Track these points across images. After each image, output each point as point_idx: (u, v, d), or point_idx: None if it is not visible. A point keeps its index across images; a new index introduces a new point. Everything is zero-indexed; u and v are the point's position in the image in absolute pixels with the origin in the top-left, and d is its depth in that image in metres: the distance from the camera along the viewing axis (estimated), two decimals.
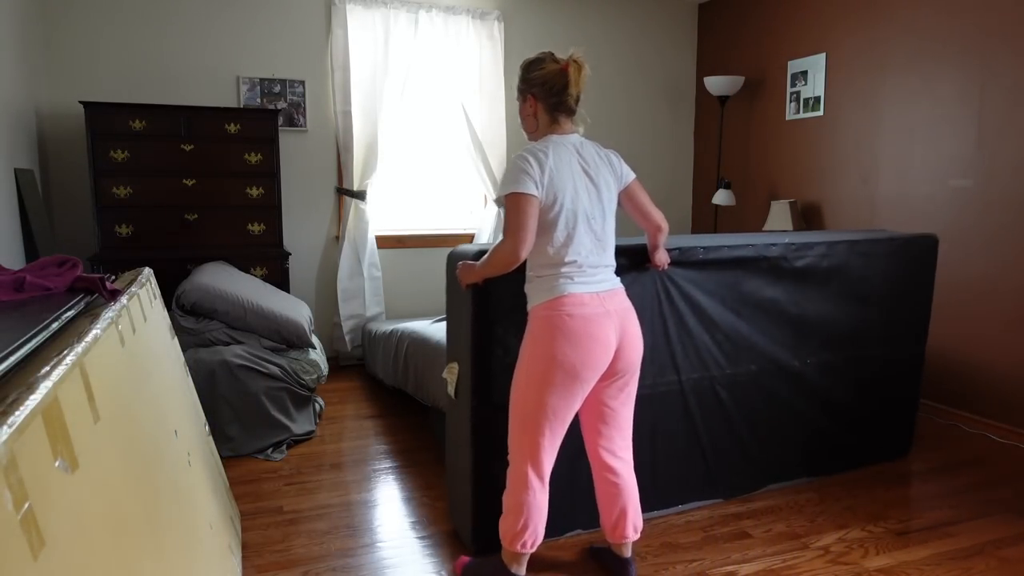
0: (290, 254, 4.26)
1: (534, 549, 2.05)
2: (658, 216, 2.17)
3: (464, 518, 2.34)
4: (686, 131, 5.71)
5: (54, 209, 4.11)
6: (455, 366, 2.32)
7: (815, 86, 4.50)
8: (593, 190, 1.98)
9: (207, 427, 2.56)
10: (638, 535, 2.17)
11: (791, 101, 4.69)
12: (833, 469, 3.00)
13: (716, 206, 5.18)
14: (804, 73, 4.58)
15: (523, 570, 2.07)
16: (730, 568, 2.28)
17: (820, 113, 4.47)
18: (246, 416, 3.18)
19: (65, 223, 4.13)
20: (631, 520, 2.13)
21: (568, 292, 1.91)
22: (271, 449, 3.18)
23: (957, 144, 3.64)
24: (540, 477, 1.99)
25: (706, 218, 5.59)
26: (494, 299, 2.17)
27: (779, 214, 4.49)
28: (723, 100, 5.01)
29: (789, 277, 2.74)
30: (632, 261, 2.33)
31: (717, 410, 2.67)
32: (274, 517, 2.60)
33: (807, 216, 4.61)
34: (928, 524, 2.57)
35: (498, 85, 4.92)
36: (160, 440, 1.60)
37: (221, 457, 2.84)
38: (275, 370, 3.29)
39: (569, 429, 2.03)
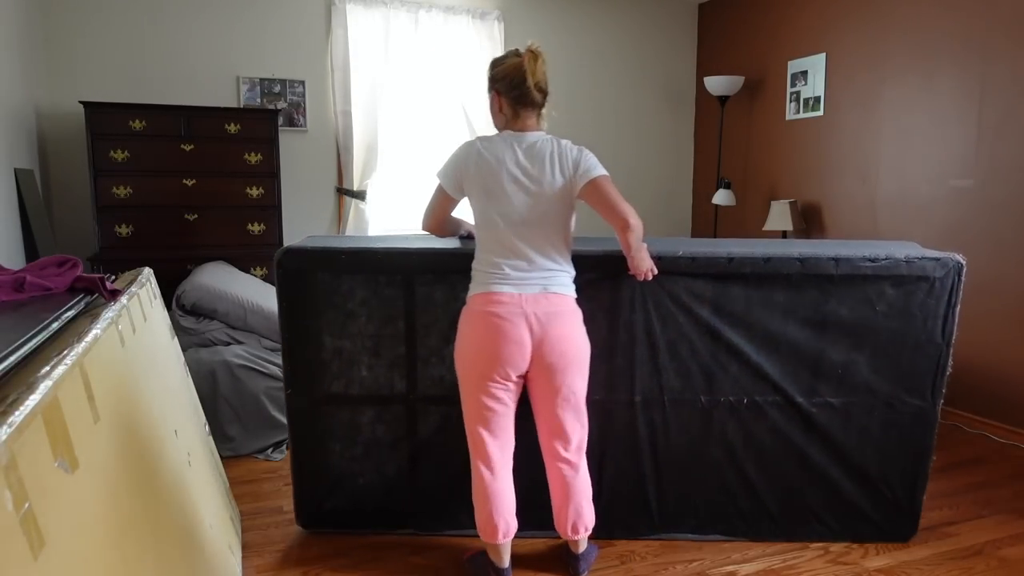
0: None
1: (506, 540, 2.07)
2: (624, 211, 1.95)
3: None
4: (686, 131, 5.71)
5: (54, 209, 4.11)
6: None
7: (815, 86, 4.49)
8: (528, 192, 1.96)
9: (207, 427, 2.56)
10: (586, 533, 2.16)
11: (791, 101, 4.69)
12: (797, 534, 2.44)
13: (716, 206, 5.19)
14: (804, 73, 4.58)
15: (504, 560, 2.10)
16: (730, 568, 2.28)
17: (820, 113, 4.47)
18: (246, 416, 3.18)
19: (65, 223, 4.13)
20: (572, 518, 2.12)
21: (488, 290, 1.97)
22: (271, 449, 3.18)
23: (957, 144, 3.63)
24: (489, 469, 2.04)
25: (706, 218, 5.59)
26: (307, 295, 2.33)
27: (779, 214, 4.49)
28: (723, 100, 5.01)
29: (770, 290, 2.30)
30: (604, 271, 2.19)
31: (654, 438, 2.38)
32: (274, 517, 2.60)
33: (807, 216, 4.61)
34: (928, 524, 2.56)
35: None
36: (160, 440, 1.60)
37: (221, 457, 2.84)
38: (275, 370, 3.28)
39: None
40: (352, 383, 2.37)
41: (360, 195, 4.62)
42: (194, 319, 3.39)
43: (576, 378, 2.04)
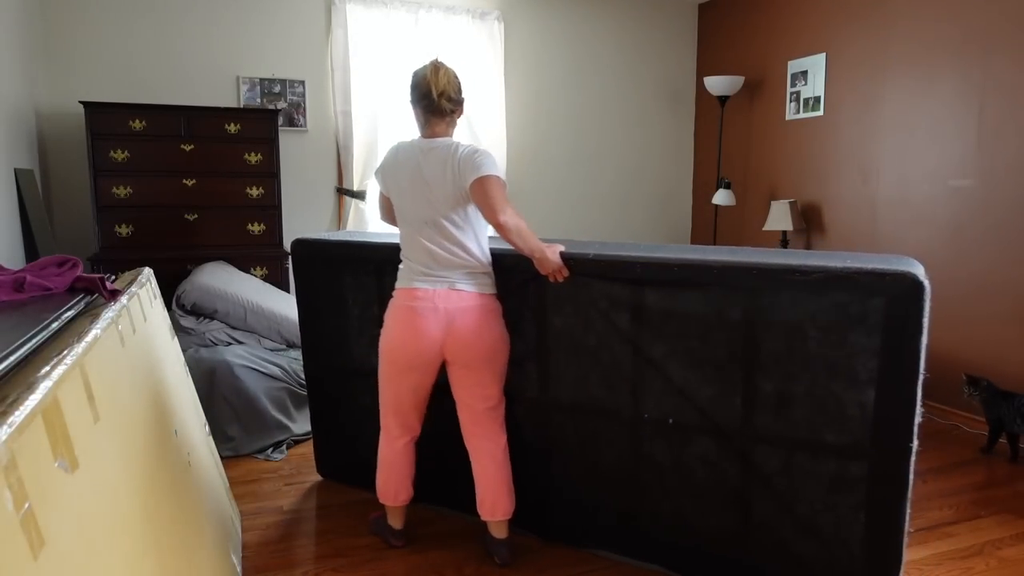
0: (290, 254, 4.26)
1: (397, 503, 2.30)
2: (496, 211, 1.98)
3: None
4: (686, 131, 5.71)
5: (54, 209, 4.11)
6: None
7: (815, 86, 4.50)
8: (428, 195, 2.06)
9: (207, 427, 2.56)
10: (503, 518, 2.24)
11: (791, 101, 4.69)
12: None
13: (716, 206, 5.19)
14: (804, 73, 4.58)
15: (399, 523, 2.34)
16: None
17: (820, 113, 4.47)
18: (246, 416, 3.18)
19: (65, 223, 4.13)
20: (489, 502, 2.22)
21: (406, 286, 2.12)
22: (271, 449, 3.18)
23: (957, 144, 3.64)
24: (391, 439, 2.27)
25: (706, 218, 5.59)
26: (313, 280, 2.69)
27: (779, 214, 4.49)
28: (723, 100, 5.01)
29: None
30: (532, 272, 2.13)
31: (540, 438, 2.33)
32: (274, 517, 2.60)
33: (807, 216, 4.61)
34: (928, 524, 2.56)
35: (498, 85, 4.92)
36: (160, 440, 1.60)
37: (221, 457, 2.84)
38: (275, 370, 3.29)
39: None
40: (347, 357, 2.68)
41: (360, 195, 4.62)
42: (194, 319, 3.39)
43: (485, 371, 2.14)
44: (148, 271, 2.30)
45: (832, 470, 1.88)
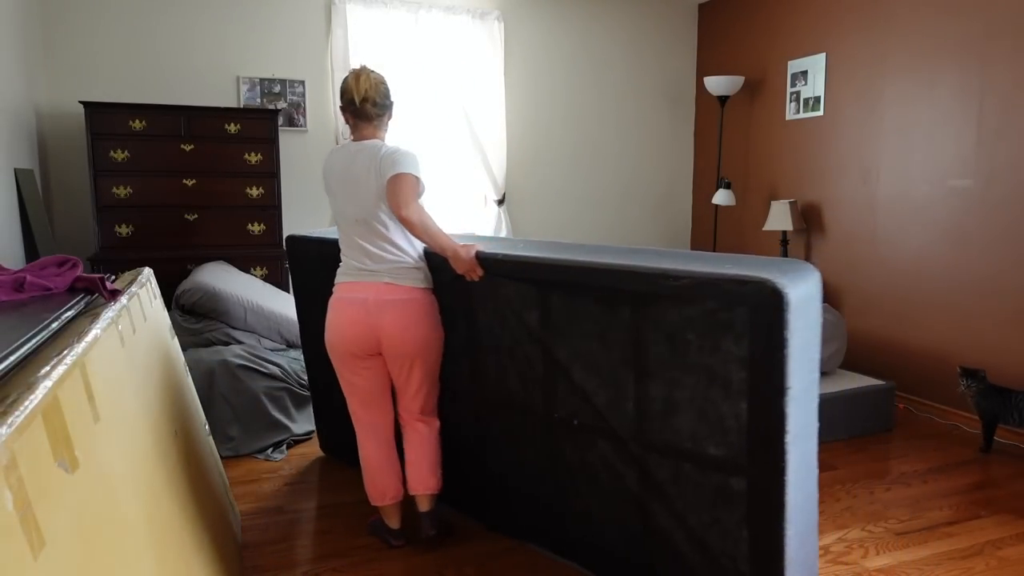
0: (285, 249, 4.26)
1: (388, 502, 2.35)
2: (399, 208, 2.08)
3: None
4: (686, 131, 5.71)
5: (54, 209, 4.11)
6: None
7: (815, 86, 4.49)
8: (357, 194, 2.17)
9: (207, 427, 2.56)
10: (427, 493, 2.35)
11: (791, 101, 4.69)
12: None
13: (716, 206, 5.18)
14: (804, 73, 4.58)
15: (395, 522, 2.38)
16: None
17: (820, 113, 4.47)
18: (246, 416, 3.18)
19: (65, 223, 4.13)
20: (414, 478, 2.36)
21: (341, 280, 2.26)
22: (271, 449, 3.18)
23: (957, 144, 3.64)
24: (366, 438, 2.35)
25: (706, 218, 5.59)
26: (303, 271, 2.96)
27: (779, 214, 4.49)
28: (723, 100, 5.01)
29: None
30: (443, 270, 2.22)
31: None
32: (274, 517, 2.60)
33: (807, 216, 4.61)
34: (928, 524, 2.57)
35: (498, 85, 4.92)
36: (160, 440, 1.60)
37: (221, 457, 2.84)
38: (275, 370, 3.29)
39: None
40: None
41: None
42: (194, 319, 3.39)
43: (416, 361, 2.25)
44: (148, 271, 2.30)
45: (716, 483, 1.79)
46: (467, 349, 2.34)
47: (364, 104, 2.16)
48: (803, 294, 1.64)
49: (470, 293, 2.25)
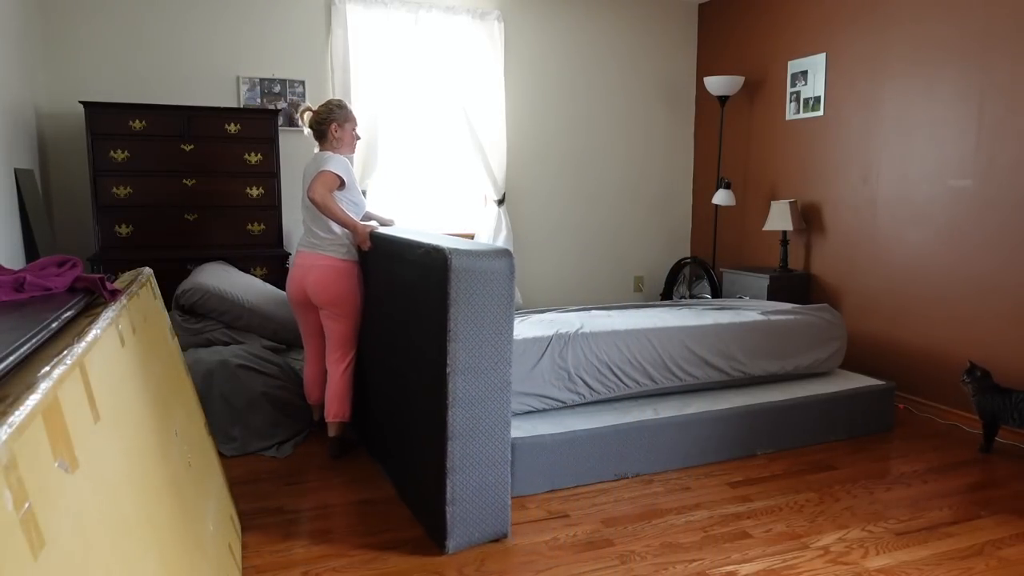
0: (290, 254, 4.26)
1: (314, 403, 3.26)
2: (308, 191, 2.81)
3: None
4: (686, 131, 5.71)
5: (54, 209, 4.11)
6: None
7: (815, 86, 4.50)
8: (303, 189, 2.96)
9: (207, 427, 2.55)
10: (335, 420, 3.06)
11: (791, 101, 4.69)
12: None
13: (716, 206, 5.19)
14: (804, 73, 4.58)
15: (315, 416, 3.31)
16: (730, 568, 2.28)
17: (820, 113, 4.47)
18: (246, 416, 3.18)
19: (65, 223, 4.13)
20: (326, 406, 3.06)
21: (296, 249, 3.07)
22: (272, 448, 3.18)
23: (957, 144, 3.64)
24: (307, 360, 3.21)
25: (706, 218, 5.59)
26: None
27: (779, 214, 4.49)
28: (723, 100, 5.01)
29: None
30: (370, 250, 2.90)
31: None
32: (274, 517, 2.60)
33: (807, 216, 4.61)
34: (928, 524, 2.57)
35: (498, 85, 4.92)
36: (160, 440, 1.60)
37: (221, 457, 2.84)
38: (275, 370, 3.29)
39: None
40: None
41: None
42: (194, 319, 3.39)
43: (332, 312, 2.98)
44: (148, 271, 2.30)
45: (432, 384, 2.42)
46: (370, 309, 3.04)
47: (311, 129, 3.03)
48: (473, 265, 2.24)
49: (373, 266, 2.93)
